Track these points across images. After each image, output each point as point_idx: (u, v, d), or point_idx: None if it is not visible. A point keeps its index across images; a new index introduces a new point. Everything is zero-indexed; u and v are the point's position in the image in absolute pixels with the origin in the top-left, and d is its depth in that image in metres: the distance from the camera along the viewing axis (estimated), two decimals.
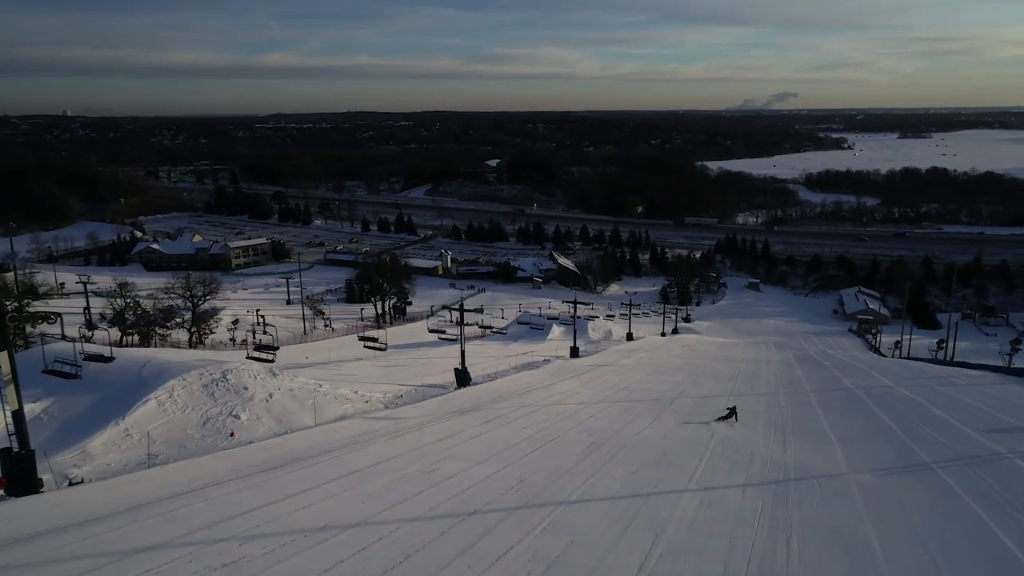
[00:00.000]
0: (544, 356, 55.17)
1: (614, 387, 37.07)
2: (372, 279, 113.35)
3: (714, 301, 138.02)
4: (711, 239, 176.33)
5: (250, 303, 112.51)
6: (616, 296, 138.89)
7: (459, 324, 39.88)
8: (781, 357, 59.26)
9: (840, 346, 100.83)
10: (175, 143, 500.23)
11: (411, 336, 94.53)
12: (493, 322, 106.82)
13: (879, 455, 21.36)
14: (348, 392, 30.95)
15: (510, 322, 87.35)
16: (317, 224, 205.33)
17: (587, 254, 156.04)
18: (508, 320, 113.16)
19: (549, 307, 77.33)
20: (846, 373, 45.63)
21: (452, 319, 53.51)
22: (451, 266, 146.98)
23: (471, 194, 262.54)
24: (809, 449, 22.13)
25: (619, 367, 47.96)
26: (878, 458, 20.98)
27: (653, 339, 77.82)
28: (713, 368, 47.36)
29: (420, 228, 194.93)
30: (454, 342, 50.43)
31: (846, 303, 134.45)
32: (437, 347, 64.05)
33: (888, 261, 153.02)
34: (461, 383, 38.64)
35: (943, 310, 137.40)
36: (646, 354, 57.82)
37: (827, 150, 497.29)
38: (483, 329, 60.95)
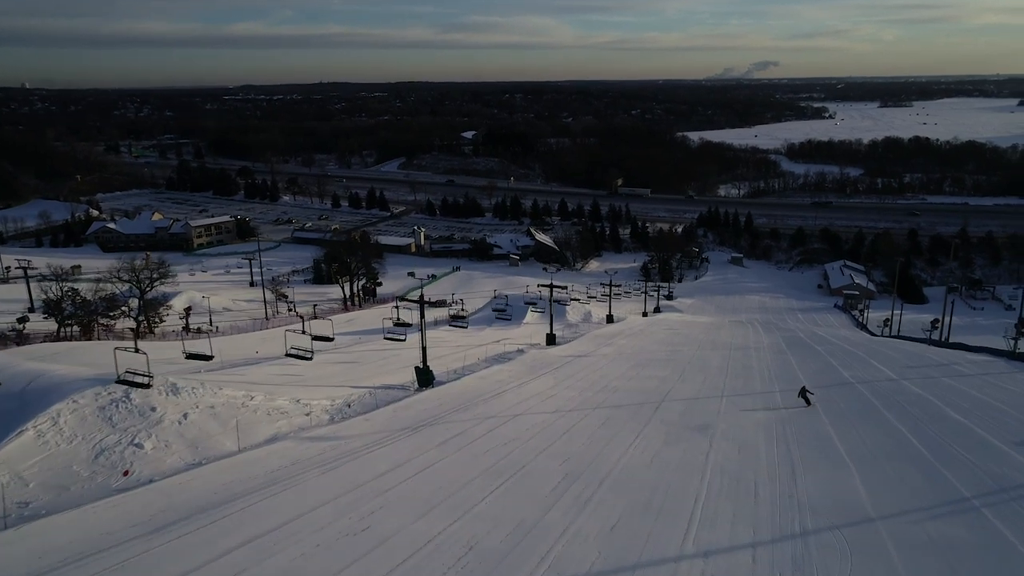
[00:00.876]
0: (518, 345, 51.60)
1: (593, 386, 33.56)
2: (340, 259, 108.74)
3: (697, 277, 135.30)
4: (693, 212, 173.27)
5: (210, 286, 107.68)
6: (596, 273, 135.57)
7: (422, 317, 35.91)
8: (770, 341, 56.22)
9: (827, 323, 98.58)
10: (139, 116, 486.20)
11: (379, 320, 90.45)
12: (466, 303, 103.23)
13: (907, 485, 18.01)
14: (287, 403, 27.07)
15: (484, 305, 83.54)
16: (285, 200, 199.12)
17: (566, 229, 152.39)
18: (484, 301, 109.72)
19: (527, 291, 73.81)
20: (843, 362, 42.58)
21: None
22: (424, 243, 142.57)
23: (446, 167, 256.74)
24: (823, 477, 18.73)
25: (599, 358, 44.51)
26: (907, 491, 17.62)
27: (635, 321, 74.56)
28: (701, 358, 44.07)
29: (393, 204, 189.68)
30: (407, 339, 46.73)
31: (831, 277, 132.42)
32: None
33: (872, 234, 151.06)
34: (423, 383, 34.93)
35: (929, 283, 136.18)
36: (627, 340, 54.45)
37: (808, 119, 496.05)
38: (453, 320, 57.06)
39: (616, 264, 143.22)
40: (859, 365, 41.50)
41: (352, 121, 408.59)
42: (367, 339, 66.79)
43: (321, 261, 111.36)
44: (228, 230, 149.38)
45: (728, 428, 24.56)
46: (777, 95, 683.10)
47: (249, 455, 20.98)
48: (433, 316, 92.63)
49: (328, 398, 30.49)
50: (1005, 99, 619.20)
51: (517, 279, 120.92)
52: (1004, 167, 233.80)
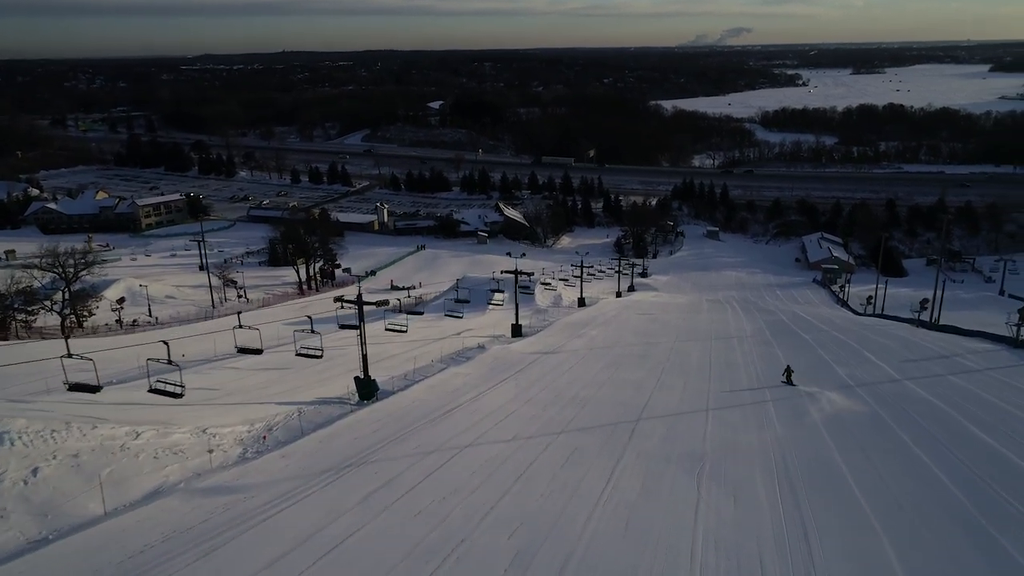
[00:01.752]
0: (481, 339, 47.29)
1: (559, 398, 29.39)
2: (297, 238, 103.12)
3: (672, 252, 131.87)
4: (668, 184, 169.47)
5: (156, 271, 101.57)
6: (568, 250, 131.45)
7: (361, 322, 31.39)
8: (753, 328, 52.59)
9: (806, 300, 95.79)
10: (91, 88, 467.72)
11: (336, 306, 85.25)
12: (429, 286, 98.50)
13: (955, 562, 14.07)
14: (187, 436, 22.50)
15: (448, 288, 79.00)
16: (242, 176, 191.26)
17: (536, 204, 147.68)
18: (451, 282, 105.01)
19: (494, 276, 69.22)
20: (836, 356, 39.01)
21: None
22: (388, 221, 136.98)
23: (412, 139, 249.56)
24: (845, 548, 14.75)
25: (568, 355, 40.38)
26: (956, 572, 13.70)
27: (608, 304, 70.59)
28: (679, 353, 40.17)
29: (355, 178, 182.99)
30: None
31: (808, 251, 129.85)
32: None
33: (850, 205, 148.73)
34: (364, 396, 30.55)
35: (908, 255, 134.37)
36: (599, 331, 50.40)
37: (782, 87, 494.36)
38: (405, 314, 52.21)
39: (589, 240, 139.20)
40: (853, 359, 37.94)
41: (315, 91, 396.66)
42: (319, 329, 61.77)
43: (276, 242, 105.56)
44: (179, 209, 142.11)
45: (718, 461, 20.57)
46: (750, 62, 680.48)
47: (113, 524, 16.46)
48: (394, 299, 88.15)
49: (246, 422, 26.01)
50: (976, 65, 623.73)
51: (485, 258, 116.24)
52: (978, 134, 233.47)
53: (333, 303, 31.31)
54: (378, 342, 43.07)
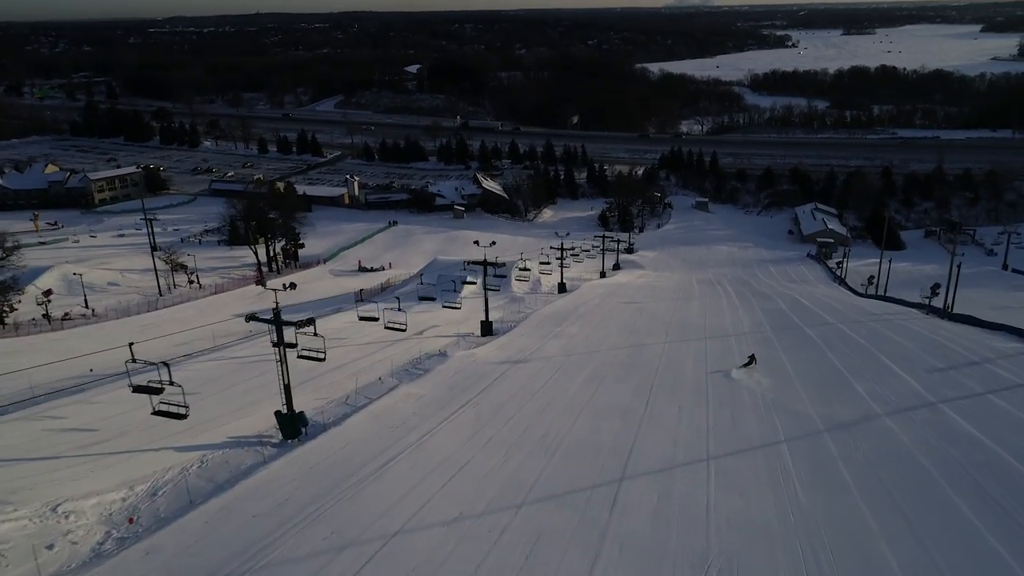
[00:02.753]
0: (445, 341, 41.97)
1: (525, 437, 24.22)
2: (258, 215, 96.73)
3: (659, 225, 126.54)
4: (655, 152, 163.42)
5: (105, 253, 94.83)
6: (550, 224, 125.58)
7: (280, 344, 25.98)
8: (751, 321, 47.72)
9: (802, 278, 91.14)
10: (54, 52, 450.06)
11: (300, 293, 79.75)
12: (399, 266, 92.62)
13: None
14: (27, 520, 17.13)
15: (417, 273, 73.38)
16: (206, 146, 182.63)
17: (517, 175, 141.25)
18: (424, 262, 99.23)
19: (464, 268, 63.28)
20: (850, 363, 34.18)
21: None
22: (359, 194, 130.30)
23: (388, 105, 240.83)
24: None
25: (541, 364, 35.20)
26: None
27: (590, 289, 65.37)
28: (672, 362, 35.09)
29: (327, 148, 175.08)
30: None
31: (802, 223, 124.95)
32: (335, 318, 50.24)
33: (844, 173, 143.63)
34: (288, 435, 25.25)
35: (904, 226, 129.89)
36: (579, 327, 45.22)
37: (771, 48, 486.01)
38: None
39: (572, 212, 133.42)
40: (870, 368, 33.00)
41: (288, 55, 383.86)
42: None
43: (236, 219, 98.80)
44: (135, 183, 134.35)
45: (729, 558, 15.44)
46: (738, 23, 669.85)
47: None
48: (361, 284, 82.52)
49: (124, 484, 20.67)
50: (967, 25, 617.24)
51: (461, 234, 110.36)
52: (972, 96, 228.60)
53: (246, 322, 25.66)
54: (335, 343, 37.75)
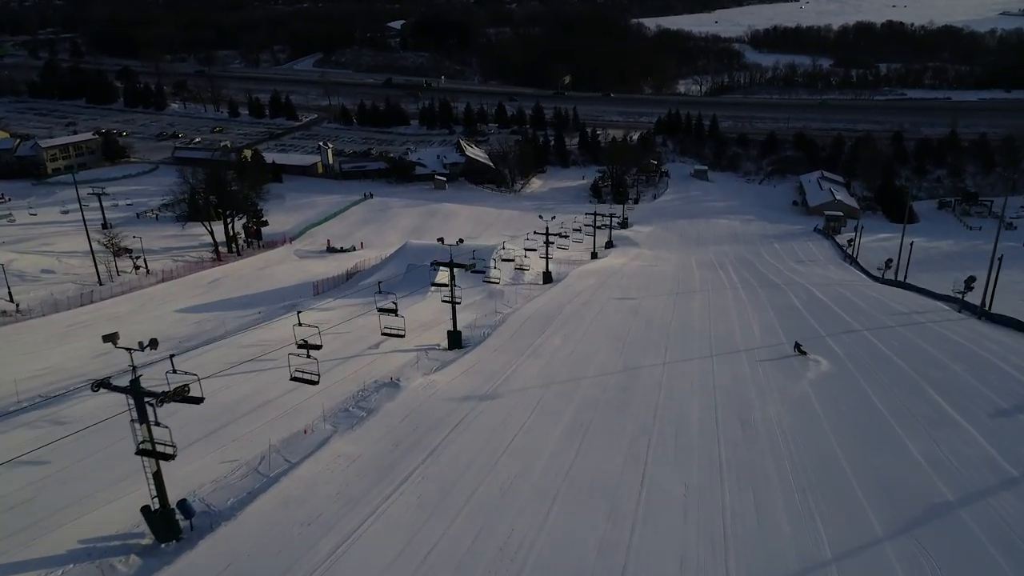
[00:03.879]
0: (401, 362, 35.67)
1: (477, 551, 18.10)
2: (220, 188, 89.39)
3: (655, 196, 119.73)
4: (651, 115, 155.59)
5: (48, 232, 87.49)
6: (538, 195, 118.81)
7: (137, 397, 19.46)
8: (762, 326, 41.73)
9: (810, 256, 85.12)
10: (23, 7, 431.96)
11: (258, 281, 72.47)
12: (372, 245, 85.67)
13: None
14: None
15: (390, 256, 66.80)
16: (174, 109, 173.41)
17: (503, 140, 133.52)
18: (400, 240, 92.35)
19: (433, 266, 56.79)
20: (892, 402, 28.14)
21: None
22: (333, 163, 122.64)
23: (370, 64, 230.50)
24: None
25: (513, 403, 29.03)
26: None
27: (579, 278, 59.03)
28: (674, 399, 28.94)
29: (302, 110, 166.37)
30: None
31: (808, 192, 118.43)
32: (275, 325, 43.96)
33: (852, 138, 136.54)
34: (161, 537, 19.06)
35: (916, 196, 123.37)
36: (563, 338, 39.09)
37: (772, 2, 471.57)
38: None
39: (562, 182, 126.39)
40: (920, 412, 26.93)
41: (266, 10, 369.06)
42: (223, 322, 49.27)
43: (194, 192, 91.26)
44: (92, 150, 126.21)
45: None
46: None
47: None
48: (326, 268, 75.65)
49: None
50: None
51: (442, 208, 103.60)
52: (982, 54, 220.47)
53: (93, 391, 19.00)
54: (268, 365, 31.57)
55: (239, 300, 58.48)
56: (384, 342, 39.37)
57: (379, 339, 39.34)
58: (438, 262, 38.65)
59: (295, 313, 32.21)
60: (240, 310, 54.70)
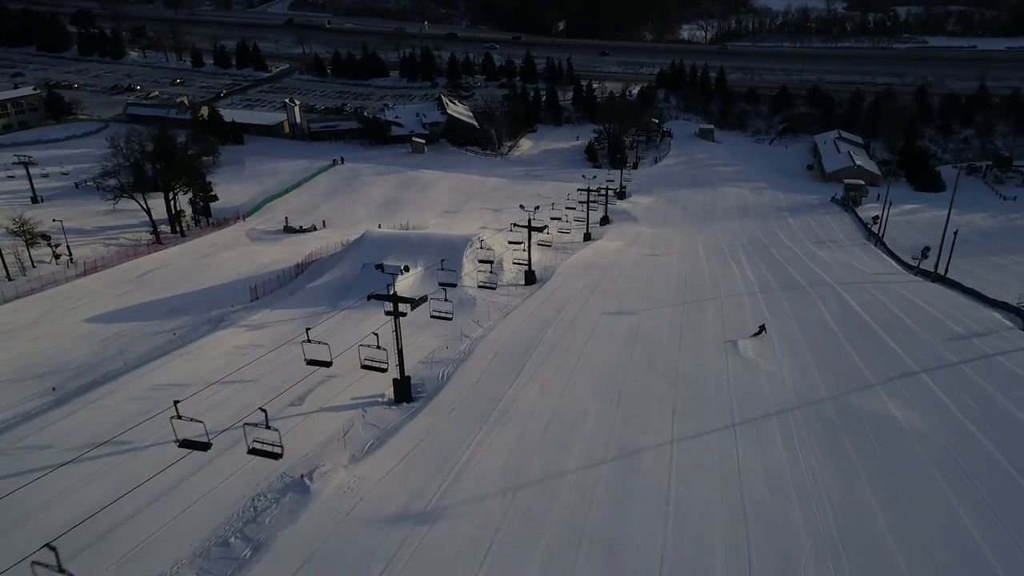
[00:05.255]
0: (329, 430, 27.62)
1: None
2: (169, 155, 79.92)
3: (657, 160, 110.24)
4: (652, 67, 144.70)
5: None
6: (527, 159, 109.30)
7: None
8: (793, 369, 33.63)
9: (831, 235, 76.76)
10: None
11: (197, 274, 63.15)
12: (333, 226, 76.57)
13: None
14: None
15: (351, 246, 58.09)
16: (133, 58, 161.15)
17: (490, 96, 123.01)
18: (368, 217, 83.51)
19: (397, 274, 48.47)
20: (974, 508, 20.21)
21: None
22: (301, 122, 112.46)
23: (348, 7, 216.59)
24: None
25: (462, 524, 21.11)
26: None
27: (568, 281, 50.69)
28: (684, 529, 20.96)
29: (272, 60, 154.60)
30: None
31: (824, 156, 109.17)
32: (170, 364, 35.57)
33: (872, 93, 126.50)
34: None
35: (940, 158, 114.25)
36: (541, 385, 31.09)
37: None
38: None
39: (554, 143, 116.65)
40: None
41: None
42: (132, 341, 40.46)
43: (139, 161, 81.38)
44: (33, 107, 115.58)
45: None
46: None
47: None
48: (279, 255, 66.54)
49: None
50: None
51: (419, 176, 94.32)
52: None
53: None
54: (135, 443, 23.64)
55: (164, 304, 50.08)
56: (311, 392, 31.36)
57: (306, 386, 31.32)
58: (377, 294, 30.07)
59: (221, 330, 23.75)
60: (161, 319, 46.38)
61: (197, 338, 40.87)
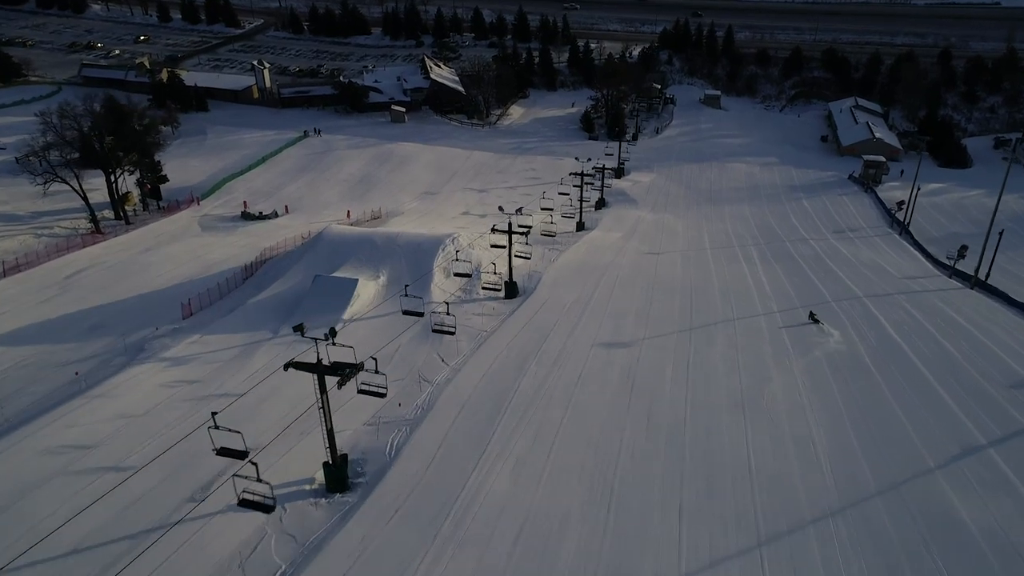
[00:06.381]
0: (222, 555, 21.40)
1: None
2: (116, 127, 72.29)
3: (658, 130, 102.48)
4: (654, 25, 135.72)
5: None
6: (518, 129, 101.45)
7: None
8: (830, 440, 27.40)
9: (851, 224, 69.96)
10: None
11: (133, 272, 55.54)
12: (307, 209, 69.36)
13: None
14: None
15: (311, 241, 51.26)
16: (95, 11, 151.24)
17: (478, 57, 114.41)
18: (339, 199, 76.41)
19: (348, 261, 41.69)
20: None
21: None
22: (271, 86, 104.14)
23: None
24: None
25: None
26: None
27: (555, 292, 44.12)
28: None
29: (244, 16, 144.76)
30: None
31: (839, 126, 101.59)
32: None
33: (893, 55, 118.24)
34: None
35: (964, 129, 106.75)
36: (513, 468, 24.95)
37: None
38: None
39: (548, 110, 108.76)
40: None
41: None
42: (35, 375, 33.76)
43: (88, 133, 73.41)
44: None
45: None
46: None
47: None
48: (232, 249, 58.77)
49: None
50: None
51: (398, 149, 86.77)
52: None
53: None
54: None
55: (86, 319, 43.39)
56: (221, 476, 24.98)
57: (216, 467, 24.97)
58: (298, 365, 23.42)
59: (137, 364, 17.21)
60: (78, 341, 39.78)
61: (108, 376, 34.43)
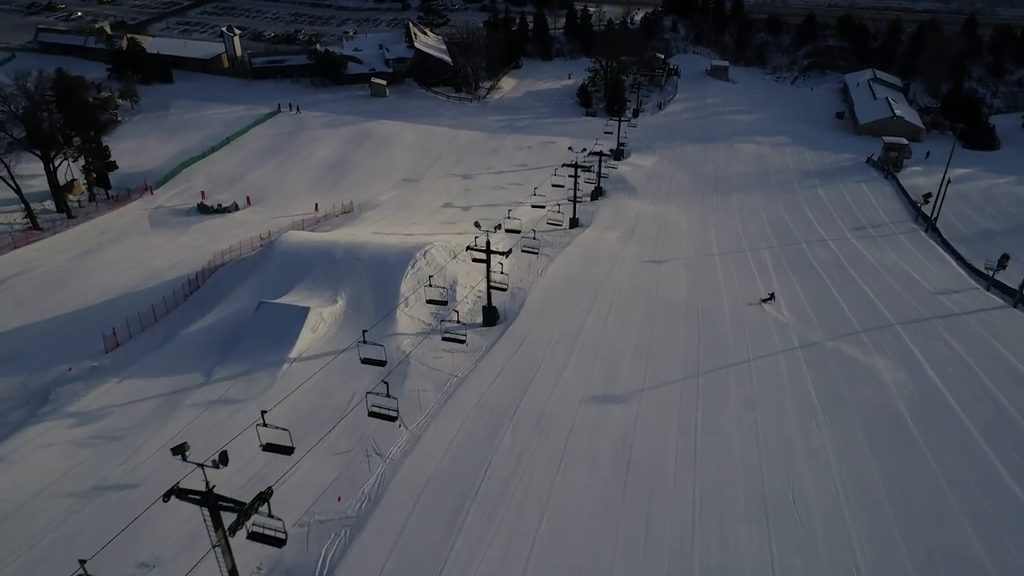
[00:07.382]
0: None
1: None
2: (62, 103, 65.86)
3: (661, 106, 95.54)
4: None
5: None
6: (509, 104, 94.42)
7: None
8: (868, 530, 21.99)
9: (873, 220, 63.96)
10: None
11: (68, 280, 49.17)
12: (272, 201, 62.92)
13: None
14: None
15: (260, 249, 45.28)
16: None
17: (467, 23, 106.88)
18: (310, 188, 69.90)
19: (304, 277, 35.85)
20: None
21: None
22: (242, 55, 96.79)
23: None
24: None
25: None
26: None
27: (538, 320, 38.30)
28: None
29: None
30: None
31: (856, 101, 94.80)
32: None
33: (915, 23, 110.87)
34: None
35: (989, 105, 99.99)
36: None
37: None
38: None
39: (542, 82, 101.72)
40: None
41: None
42: None
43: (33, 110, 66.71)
44: None
45: None
46: None
47: None
48: (184, 250, 52.49)
49: None
50: None
51: (377, 128, 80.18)
52: None
53: None
54: None
55: (4, 341, 37.74)
56: None
57: None
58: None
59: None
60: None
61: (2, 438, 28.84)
